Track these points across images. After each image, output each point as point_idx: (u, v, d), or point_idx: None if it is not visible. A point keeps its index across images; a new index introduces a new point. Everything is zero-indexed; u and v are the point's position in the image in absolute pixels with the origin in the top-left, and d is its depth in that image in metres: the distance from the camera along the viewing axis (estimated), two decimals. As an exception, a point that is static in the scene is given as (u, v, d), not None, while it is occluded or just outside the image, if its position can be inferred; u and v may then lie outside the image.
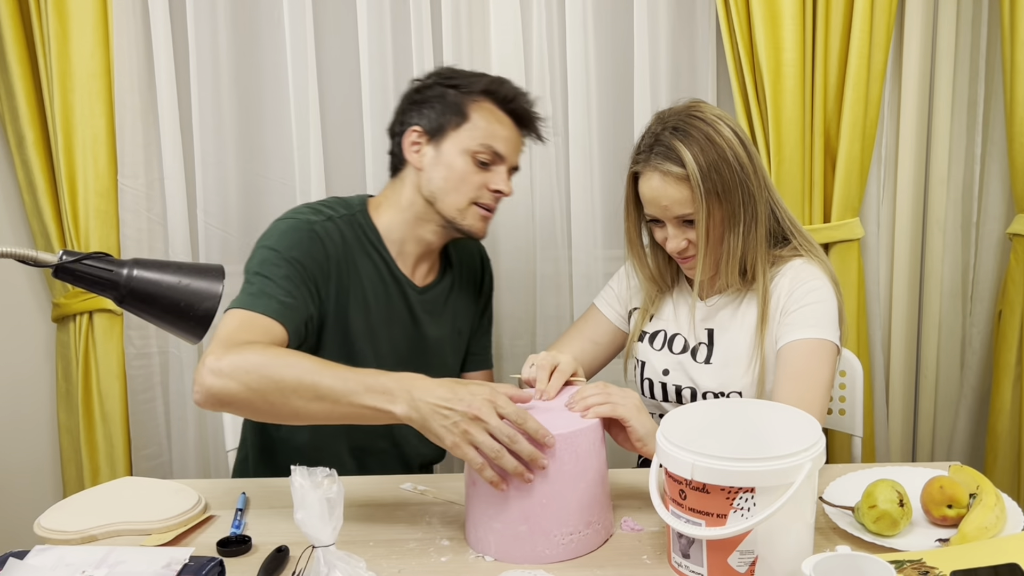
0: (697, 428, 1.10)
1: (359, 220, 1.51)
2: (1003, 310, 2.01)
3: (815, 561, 0.91)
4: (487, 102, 1.50)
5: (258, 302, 1.32)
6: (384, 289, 1.50)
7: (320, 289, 1.42)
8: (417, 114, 1.51)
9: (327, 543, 0.99)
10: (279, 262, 1.37)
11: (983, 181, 2.08)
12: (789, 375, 1.39)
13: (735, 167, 1.39)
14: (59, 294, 2.06)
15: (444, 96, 1.49)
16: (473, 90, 1.49)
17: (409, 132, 1.50)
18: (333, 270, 1.44)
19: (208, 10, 2.00)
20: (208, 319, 1.03)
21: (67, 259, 0.92)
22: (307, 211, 1.47)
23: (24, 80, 1.98)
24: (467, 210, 1.49)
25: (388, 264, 1.51)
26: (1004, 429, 2.00)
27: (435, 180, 1.48)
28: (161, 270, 0.96)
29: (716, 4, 1.92)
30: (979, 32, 2.01)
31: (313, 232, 1.42)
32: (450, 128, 1.48)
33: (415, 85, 1.55)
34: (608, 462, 1.22)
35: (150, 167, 2.06)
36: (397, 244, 1.52)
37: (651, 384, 1.55)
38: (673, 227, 1.43)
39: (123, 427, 2.11)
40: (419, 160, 1.50)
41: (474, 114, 1.48)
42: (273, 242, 1.41)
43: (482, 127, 1.48)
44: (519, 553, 1.14)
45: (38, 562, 1.07)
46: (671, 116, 1.43)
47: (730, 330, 1.49)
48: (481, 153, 1.47)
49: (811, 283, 1.44)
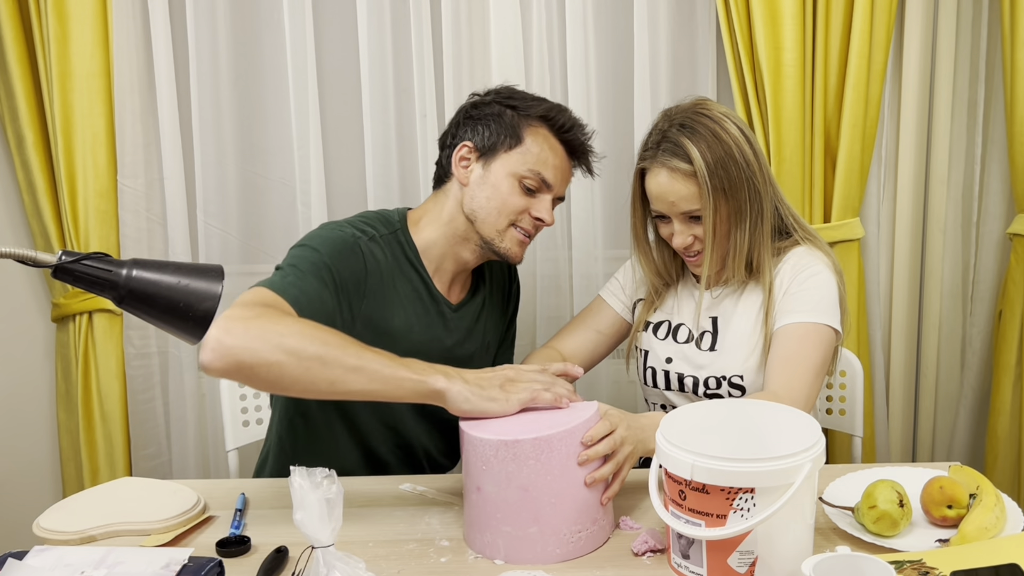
0: (697, 428, 1.10)
1: (400, 238, 1.48)
2: (1003, 310, 2.00)
3: (815, 561, 0.91)
4: (543, 128, 1.47)
5: (282, 285, 1.29)
6: (423, 309, 1.48)
7: (352, 303, 1.39)
8: (471, 130, 1.48)
9: (326, 544, 0.99)
10: (316, 262, 1.34)
11: (983, 181, 2.08)
12: (780, 357, 1.40)
13: (741, 164, 1.40)
14: (59, 294, 2.06)
15: (501, 116, 1.46)
16: (531, 113, 1.46)
17: (460, 147, 1.48)
18: (370, 288, 1.41)
19: (208, 10, 2.00)
20: (207, 319, 1.03)
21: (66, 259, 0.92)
22: (350, 227, 1.44)
23: (24, 80, 1.98)
24: (506, 233, 1.46)
25: (426, 283, 1.49)
26: (1004, 429, 2.00)
27: (478, 199, 1.46)
28: (160, 270, 0.96)
29: (716, 4, 1.92)
30: (979, 32, 2.01)
31: (357, 247, 1.40)
32: (502, 149, 1.45)
33: (473, 100, 1.52)
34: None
35: (150, 167, 2.06)
36: (435, 261, 1.50)
37: (654, 372, 1.56)
38: (679, 223, 1.44)
39: (123, 427, 2.11)
40: (466, 176, 1.47)
41: (528, 138, 1.45)
42: (314, 244, 1.38)
43: (534, 152, 1.45)
44: (530, 554, 1.14)
45: (37, 562, 1.07)
46: (678, 113, 1.44)
47: (734, 317, 1.50)
48: (529, 179, 1.44)
49: (812, 268, 1.45)
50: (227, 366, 1.13)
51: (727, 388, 1.48)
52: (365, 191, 2.06)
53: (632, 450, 1.21)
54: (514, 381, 1.23)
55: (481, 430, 1.15)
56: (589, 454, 1.15)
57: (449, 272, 1.52)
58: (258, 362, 1.13)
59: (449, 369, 1.22)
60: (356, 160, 2.08)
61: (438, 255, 1.50)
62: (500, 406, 1.19)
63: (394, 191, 2.06)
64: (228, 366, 1.13)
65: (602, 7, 2.01)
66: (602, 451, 1.17)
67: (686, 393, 1.53)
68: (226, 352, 1.12)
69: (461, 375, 1.22)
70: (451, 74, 2.00)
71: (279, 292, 1.26)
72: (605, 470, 1.17)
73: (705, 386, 1.50)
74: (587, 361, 1.64)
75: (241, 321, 1.15)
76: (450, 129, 1.52)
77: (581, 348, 1.62)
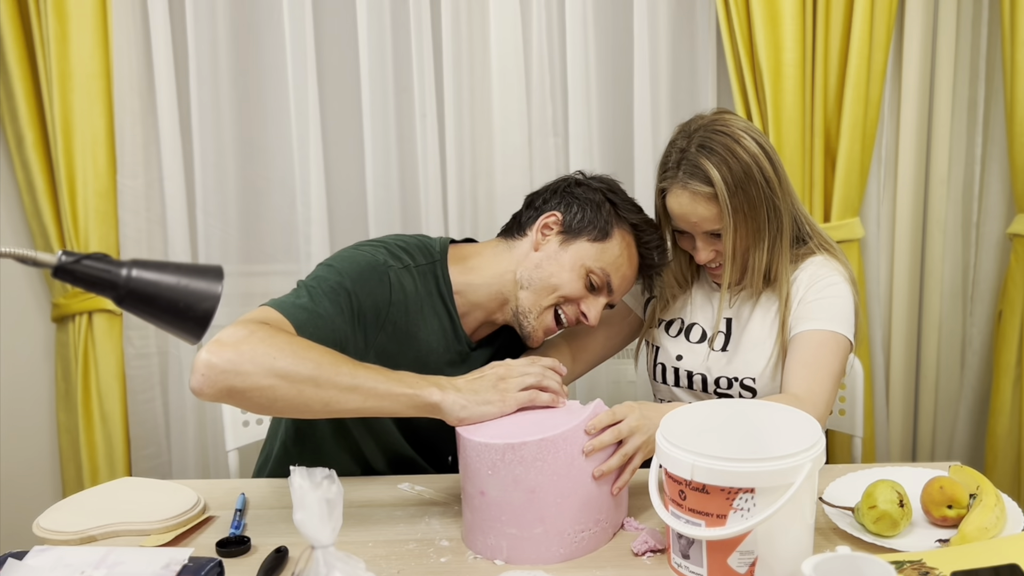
0: (697, 428, 1.10)
1: (436, 271, 1.44)
2: (1003, 310, 2.00)
3: (815, 562, 0.91)
4: (630, 236, 1.46)
5: (290, 306, 1.26)
6: (446, 345, 1.45)
7: (368, 333, 1.34)
8: (566, 205, 1.45)
9: (326, 544, 0.99)
10: (336, 286, 1.31)
11: (983, 181, 2.08)
12: (801, 362, 1.40)
13: (761, 184, 1.40)
14: (59, 294, 2.06)
15: (600, 206, 1.44)
16: (626, 218, 1.45)
17: (550, 214, 1.45)
18: (392, 317, 1.37)
19: (208, 10, 2.00)
20: (207, 319, 1.02)
21: (66, 259, 0.92)
22: (385, 252, 1.39)
23: (24, 81, 1.98)
24: (543, 313, 1.43)
25: (453, 321, 1.45)
26: (1004, 429, 2.00)
27: (543, 270, 1.42)
28: (160, 270, 0.96)
29: (716, 4, 1.92)
30: (979, 32, 2.01)
31: (385, 275, 1.36)
32: (587, 236, 1.43)
33: (580, 178, 1.50)
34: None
35: (149, 167, 2.06)
36: (467, 305, 1.46)
37: (664, 368, 1.57)
38: (701, 240, 1.46)
39: (122, 427, 2.11)
40: (540, 243, 1.45)
41: (615, 238, 1.44)
42: (340, 267, 1.34)
43: (614, 254, 1.44)
44: (534, 554, 1.14)
45: (37, 562, 1.07)
46: (697, 130, 1.43)
47: (748, 319, 1.51)
48: (597, 275, 1.42)
49: (830, 278, 1.45)
50: (218, 392, 1.10)
51: (739, 389, 1.48)
52: (365, 191, 2.06)
53: (645, 440, 1.19)
54: (505, 379, 1.22)
55: (481, 434, 1.15)
56: (595, 443, 1.15)
57: (478, 320, 1.49)
58: (249, 386, 1.11)
59: (442, 379, 1.21)
60: (356, 160, 2.08)
61: (471, 301, 1.46)
62: (497, 408, 1.19)
63: (394, 191, 2.06)
64: (219, 392, 1.10)
65: (602, 7, 2.01)
66: (607, 440, 1.16)
67: (695, 390, 1.54)
68: (216, 378, 1.09)
69: (453, 384, 1.21)
70: (451, 74, 2.00)
71: (284, 312, 1.23)
72: (612, 462, 1.17)
73: (716, 385, 1.50)
74: (595, 357, 1.64)
75: (232, 345, 1.11)
76: (544, 192, 1.50)
77: (590, 343, 1.62)
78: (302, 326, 1.23)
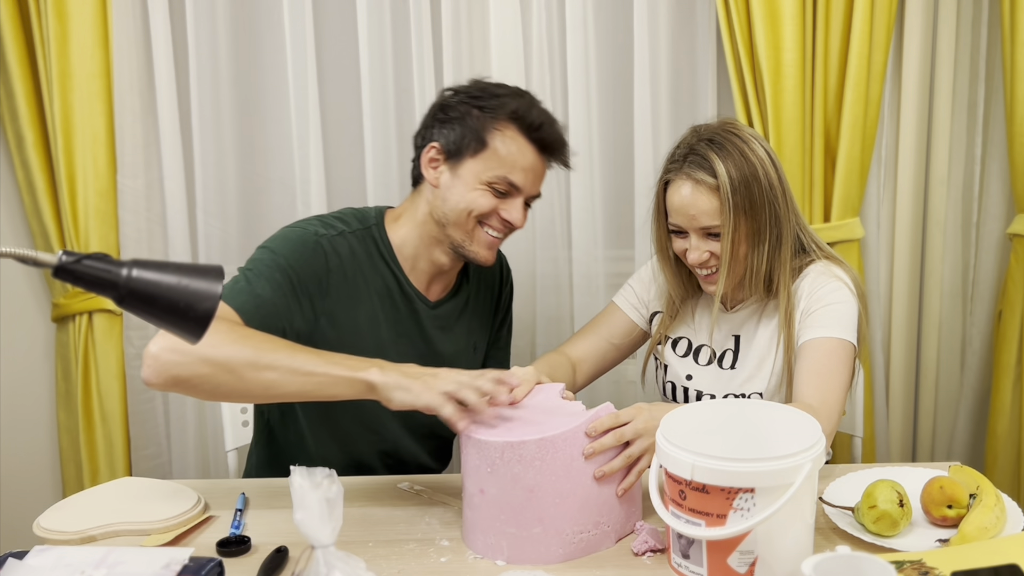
0: (697, 428, 1.10)
1: (373, 234, 1.47)
2: (1003, 310, 2.00)
3: (815, 561, 0.91)
4: (511, 128, 1.41)
5: (231, 293, 1.30)
6: (393, 304, 1.48)
7: (314, 301, 1.39)
8: (438, 131, 1.44)
9: (326, 543, 0.99)
10: (271, 265, 1.35)
11: (983, 181, 2.07)
12: (810, 371, 1.39)
13: (765, 186, 1.40)
14: (59, 294, 2.06)
15: (467, 117, 1.41)
16: (498, 115, 1.41)
17: (428, 148, 1.45)
18: (332, 285, 1.41)
19: (208, 10, 2.00)
20: (207, 319, 1.03)
21: (66, 259, 0.92)
22: (317, 223, 1.43)
23: (24, 80, 1.98)
24: (474, 234, 1.44)
25: (399, 279, 1.48)
26: (1004, 429, 2.00)
27: (449, 202, 1.43)
28: (160, 270, 0.96)
29: (716, 4, 1.92)
30: (979, 32, 2.01)
31: (318, 245, 1.39)
32: (468, 154, 1.41)
33: (443, 98, 1.47)
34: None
35: (149, 167, 2.06)
36: (410, 260, 1.49)
37: (673, 387, 1.57)
38: (696, 238, 1.43)
39: (123, 427, 2.11)
40: (436, 178, 1.45)
41: (495, 142, 1.40)
42: (273, 246, 1.39)
43: (501, 155, 1.41)
44: (534, 554, 1.14)
45: (37, 562, 1.07)
46: (707, 130, 1.44)
47: (755, 336, 1.50)
48: (497, 184, 1.41)
49: (832, 284, 1.44)
50: (165, 381, 1.17)
51: None
52: (365, 191, 2.06)
53: (653, 443, 1.17)
54: (436, 377, 1.21)
55: (483, 432, 1.15)
56: (595, 446, 1.15)
57: (426, 272, 1.51)
58: (191, 375, 1.17)
59: (387, 364, 1.22)
60: (356, 160, 2.08)
61: (412, 254, 1.49)
62: (411, 397, 1.18)
63: (394, 191, 2.06)
64: (166, 381, 1.17)
65: (602, 7, 2.01)
66: (607, 443, 1.16)
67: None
68: (161, 368, 1.16)
69: (399, 368, 1.21)
70: (451, 74, 1.99)
71: (225, 300, 1.27)
72: (615, 463, 1.17)
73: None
74: (598, 368, 1.63)
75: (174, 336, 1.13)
76: (421, 128, 1.50)
77: (592, 354, 1.62)
78: (244, 310, 1.29)
